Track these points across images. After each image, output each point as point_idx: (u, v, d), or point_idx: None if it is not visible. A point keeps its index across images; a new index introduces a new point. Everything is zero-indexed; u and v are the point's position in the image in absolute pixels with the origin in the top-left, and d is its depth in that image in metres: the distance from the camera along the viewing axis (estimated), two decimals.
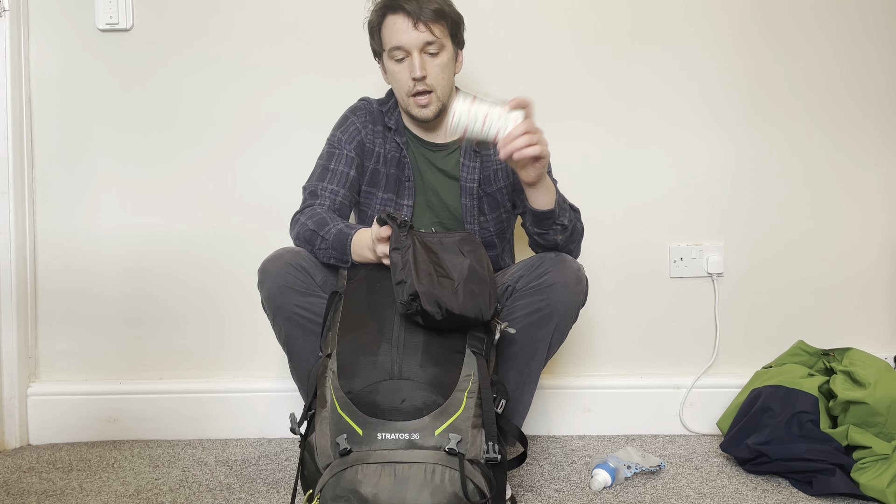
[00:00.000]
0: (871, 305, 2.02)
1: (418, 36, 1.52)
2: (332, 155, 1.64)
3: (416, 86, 1.55)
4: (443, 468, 1.19)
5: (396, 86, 1.59)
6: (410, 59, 1.54)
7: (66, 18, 1.98)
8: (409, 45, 1.53)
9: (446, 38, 1.57)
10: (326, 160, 1.64)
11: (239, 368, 2.03)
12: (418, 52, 1.53)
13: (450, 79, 1.60)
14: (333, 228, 1.48)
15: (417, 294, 1.23)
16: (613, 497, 1.57)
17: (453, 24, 1.59)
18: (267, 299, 1.48)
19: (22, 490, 1.63)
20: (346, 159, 1.63)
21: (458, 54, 1.64)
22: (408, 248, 1.27)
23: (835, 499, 1.55)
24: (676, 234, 2.01)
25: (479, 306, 1.28)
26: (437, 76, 1.56)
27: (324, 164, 1.64)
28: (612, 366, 2.03)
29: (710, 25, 1.98)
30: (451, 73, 1.61)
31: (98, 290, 2.01)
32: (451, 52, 1.60)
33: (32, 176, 2.00)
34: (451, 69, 1.61)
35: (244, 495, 1.59)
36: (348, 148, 1.64)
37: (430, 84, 1.55)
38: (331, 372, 1.28)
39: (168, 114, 2.00)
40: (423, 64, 1.54)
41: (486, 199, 1.65)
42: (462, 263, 1.31)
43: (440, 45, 1.55)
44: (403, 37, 1.53)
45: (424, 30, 1.52)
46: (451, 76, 1.61)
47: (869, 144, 2.00)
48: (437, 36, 1.54)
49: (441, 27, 1.55)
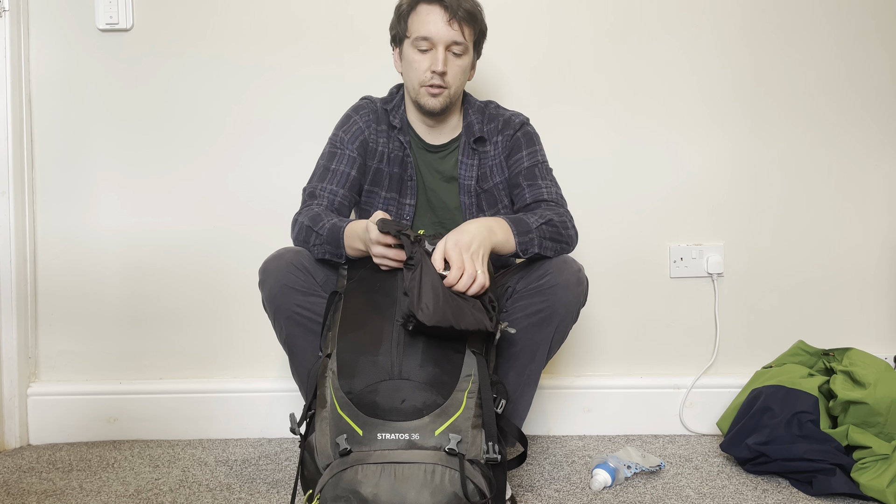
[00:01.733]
0: (871, 305, 2.02)
1: (449, 32, 1.54)
2: (333, 155, 1.64)
3: (433, 78, 1.56)
4: (443, 468, 1.19)
5: (411, 73, 1.59)
6: (434, 52, 1.55)
7: (65, 18, 1.98)
8: (438, 38, 1.54)
9: (471, 43, 1.59)
10: (328, 160, 1.64)
11: (239, 368, 2.03)
12: (444, 49, 1.54)
13: (464, 83, 1.63)
14: (328, 223, 1.48)
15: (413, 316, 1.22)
16: (613, 497, 1.57)
17: (480, 32, 1.61)
18: (268, 299, 1.48)
19: (22, 490, 1.63)
20: (347, 159, 1.62)
21: (475, 63, 1.66)
22: (418, 264, 1.27)
23: (835, 499, 1.55)
24: (676, 234, 2.01)
25: (482, 319, 1.28)
26: (455, 76, 1.58)
27: (325, 165, 1.63)
28: (613, 366, 2.03)
29: (711, 26, 1.98)
30: (466, 78, 1.63)
31: (98, 290, 2.01)
32: (471, 58, 1.62)
33: (32, 176, 2.00)
34: (467, 75, 1.63)
35: (244, 495, 1.59)
36: (350, 147, 1.63)
37: (447, 82, 1.57)
38: (331, 372, 1.28)
39: (168, 113, 2.00)
40: (446, 61, 1.55)
41: (484, 196, 1.65)
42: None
43: (465, 48, 1.57)
44: (434, 28, 1.54)
45: (457, 28, 1.54)
46: (465, 81, 1.63)
47: (869, 144, 2.00)
48: (466, 38, 1.56)
49: (470, 31, 1.57)
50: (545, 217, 1.50)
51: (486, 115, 1.68)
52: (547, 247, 1.48)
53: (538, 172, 1.62)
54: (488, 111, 1.69)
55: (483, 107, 1.70)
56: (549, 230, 1.49)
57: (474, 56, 1.64)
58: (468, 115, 1.67)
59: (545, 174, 1.63)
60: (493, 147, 1.66)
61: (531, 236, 1.46)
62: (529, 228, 1.46)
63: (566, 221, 1.53)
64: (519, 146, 1.65)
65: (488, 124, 1.67)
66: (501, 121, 1.67)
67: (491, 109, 1.70)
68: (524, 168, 1.63)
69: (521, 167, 1.63)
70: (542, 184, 1.61)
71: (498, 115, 1.68)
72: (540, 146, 1.67)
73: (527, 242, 1.46)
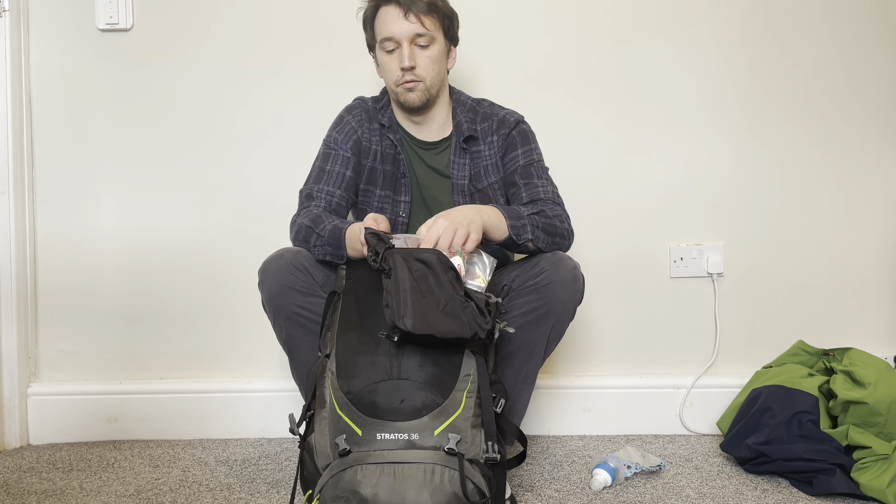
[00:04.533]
0: (871, 305, 2.02)
1: (409, 27, 1.53)
2: (328, 156, 1.64)
3: (404, 76, 1.56)
4: (442, 468, 1.19)
5: (387, 77, 1.60)
6: (400, 51, 1.55)
7: (65, 18, 1.98)
8: (399, 35, 1.54)
9: (438, 31, 1.58)
10: (322, 161, 1.64)
11: (239, 368, 2.03)
12: (408, 43, 1.54)
13: (440, 72, 1.60)
14: (329, 224, 1.49)
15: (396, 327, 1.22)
16: (613, 497, 1.57)
17: (446, 18, 1.60)
18: (268, 299, 1.48)
19: (22, 490, 1.63)
20: (342, 159, 1.63)
21: (451, 50, 1.64)
22: (390, 270, 1.26)
23: (835, 499, 1.55)
24: (676, 234, 2.01)
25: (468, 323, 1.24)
26: (426, 67, 1.57)
27: (320, 166, 1.64)
28: (613, 366, 2.03)
29: (711, 26, 1.98)
30: (443, 67, 1.61)
31: (98, 290, 2.01)
32: (443, 46, 1.60)
33: (32, 176, 2.00)
34: (443, 64, 1.61)
35: (244, 495, 1.59)
36: (344, 148, 1.64)
37: (418, 75, 1.56)
38: (330, 372, 1.28)
39: (168, 114, 2.00)
40: (413, 55, 1.55)
41: (478, 196, 1.65)
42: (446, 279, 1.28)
43: (430, 37, 1.56)
44: (394, 27, 1.54)
45: (415, 21, 1.53)
46: (441, 70, 1.61)
47: (868, 144, 2.00)
48: (428, 28, 1.55)
49: (432, 20, 1.56)
50: (537, 208, 1.52)
51: (478, 114, 1.67)
52: (540, 237, 1.49)
53: (534, 171, 1.62)
54: (482, 110, 1.68)
55: (475, 105, 1.69)
56: (541, 220, 1.50)
57: (447, 43, 1.62)
58: (457, 115, 1.67)
59: (541, 173, 1.63)
60: (487, 146, 1.65)
61: (523, 221, 1.47)
62: (521, 214, 1.48)
63: (560, 215, 1.54)
64: (514, 145, 1.64)
65: (482, 123, 1.66)
66: (496, 120, 1.66)
67: (485, 108, 1.69)
68: (520, 167, 1.62)
69: (517, 166, 1.62)
70: (538, 182, 1.60)
71: (492, 113, 1.67)
72: (535, 145, 1.66)
73: (519, 227, 1.46)
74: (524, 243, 1.47)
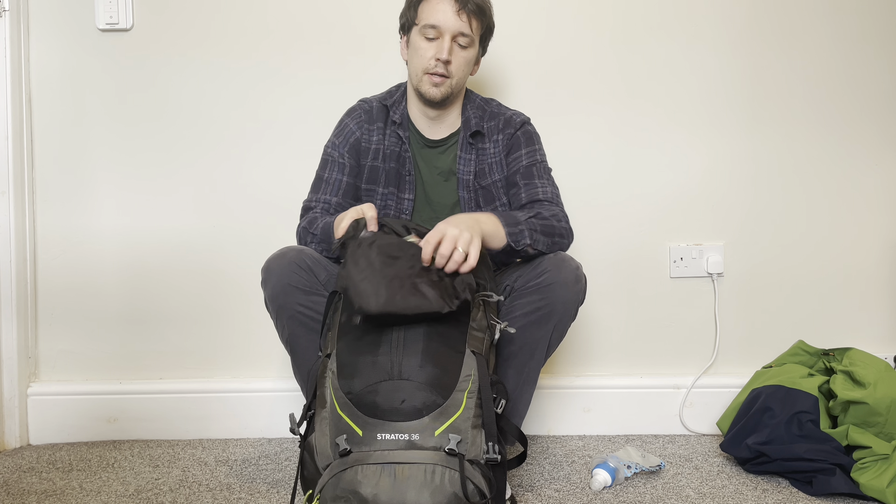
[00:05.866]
0: (871, 305, 2.02)
1: (458, 23, 1.56)
2: (325, 163, 1.69)
3: (437, 66, 1.57)
4: (443, 469, 1.19)
5: (416, 60, 1.60)
6: (441, 41, 1.56)
7: (65, 18, 1.98)
8: (446, 27, 1.56)
9: (477, 36, 1.61)
10: (321, 169, 1.69)
11: (239, 368, 2.03)
12: (451, 38, 1.56)
13: (466, 76, 1.64)
14: (321, 223, 1.54)
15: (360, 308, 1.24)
16: (613, 497, 1.57)
17: (487, 28, 1.64)
18: (270, 298, 1.49)
19: (22, 490, 1.63)
20: (338, 166, 1.66)
21: (479, 58, 1.67)
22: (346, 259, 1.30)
23: (835, 499, 1.55)
24: (676, 234, 2.01)
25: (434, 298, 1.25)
26: (459, 67, 1.59)
27: (319, 174, 1.69)
28: (613, 366, 2.03)
29: (712, 26, 1.98)
30: (469, 71, 1.65)
31: (98, 290, 2.01)
32: (476, 52, 1.64)
33: (32, 176, 2.00)
34: (471, 68, 1.65)
35: (244, 495, 1.59)
36: (341, 152, 1.67)
37: (450, 71, 1.58)
38: (330, 372, 1.28)
39: (168, 113, 2.00)
40: (451, 51, 1.57)
41: (482, 193, 1.66)
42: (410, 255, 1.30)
43: (471, 40, 1.59)
44: (443, 17, 1.55)
45: (465, 20, 1.56)
46: (467, 73, 1.64)
47: (868, 144, 2.00)
48: (472, 31, 1.58)
49: (478, 24, 1.59)
50: (533, 211, 1.53)
51: (486, 113, 1.69)
52: (539, 240, 1.49)
53: (536, 172, 1.63)
54: (489, 109, 1.70)
55: (484, 104, 1.71)
56: (538, 223, 1.50)
57: (479, 51, 1.65)
58: (466, 111, 1.68)
59: (542, 174, 1.63)
60: (492, 145, 1.67)
61: (521, 227, 1.47)
62: (518, 220, 1.48)
63: (558, 214, 1.55)
64: (518, 145, 1.66)
65: (489, 122, 1.68)
66: (502, 119, 1.68)
67: (493, 107, 1.71)
68: (522, 167, 1.63)
69: (520, 165, 1.64)
70: (538, 183, 1.61)
71: (499, 113, 1.69)
72: (540, 146, 1.68)
73: (517, 233, 1.46)
74: (523, 248, 1.48)
